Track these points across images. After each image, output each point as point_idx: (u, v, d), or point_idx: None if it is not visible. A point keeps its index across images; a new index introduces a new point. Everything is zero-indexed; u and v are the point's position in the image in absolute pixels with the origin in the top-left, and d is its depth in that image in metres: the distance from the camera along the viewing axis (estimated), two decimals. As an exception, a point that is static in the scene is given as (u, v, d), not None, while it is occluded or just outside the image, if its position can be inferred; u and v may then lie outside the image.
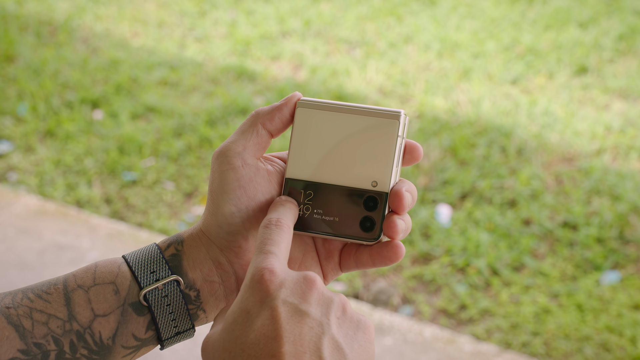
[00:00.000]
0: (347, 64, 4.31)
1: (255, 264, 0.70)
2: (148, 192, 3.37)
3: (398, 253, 0.79)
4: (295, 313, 0.67)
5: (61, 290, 0.77)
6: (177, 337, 0.79)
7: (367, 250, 0.81)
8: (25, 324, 0.76)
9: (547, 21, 4.72)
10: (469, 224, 3.12)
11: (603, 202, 3.21)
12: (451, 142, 3.58)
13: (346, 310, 0.70)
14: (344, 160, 0.80)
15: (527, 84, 4.11)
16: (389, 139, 0.79)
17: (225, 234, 0.79)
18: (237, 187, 0.79)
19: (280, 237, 0.73)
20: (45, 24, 4.78)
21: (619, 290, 2.81)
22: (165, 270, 0.79)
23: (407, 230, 0.80)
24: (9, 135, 3.73)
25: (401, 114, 0.79)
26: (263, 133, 0.80)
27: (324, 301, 0.69)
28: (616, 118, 3.77)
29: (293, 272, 0.70)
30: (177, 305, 0.78)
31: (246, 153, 0.79)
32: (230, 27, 4.74)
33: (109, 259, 0.80)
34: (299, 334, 0.66)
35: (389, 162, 0.79)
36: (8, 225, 3.13)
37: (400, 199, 0.79)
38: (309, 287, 0.69)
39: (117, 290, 0.78)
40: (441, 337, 2.63)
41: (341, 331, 0.68)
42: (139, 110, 3.89)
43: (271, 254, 0.71)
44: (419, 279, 2.91)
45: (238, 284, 0.81)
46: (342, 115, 0.80)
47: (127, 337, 0.78)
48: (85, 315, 0.77)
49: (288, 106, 0.81)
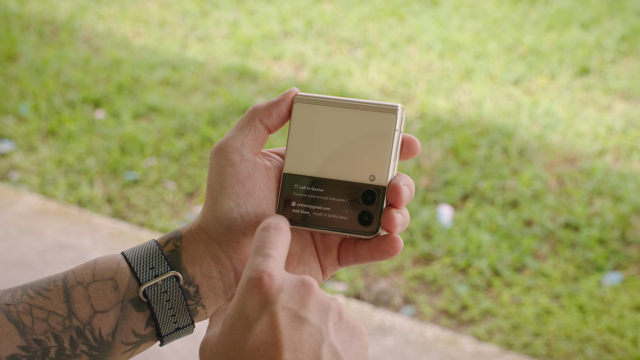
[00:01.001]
0: (348, 64, 4.31)
1: (253, 267, 0.70)
2: (149, 192, 3.37)
3: (396, 246, 0.79)
4: (295, 319, 0.67)
5: (61, 287, 0.77)
6: (176, 332, 0.79)
7: (365, 244, 0.81)
8: (25, 321, 0.76)
9: (549, 22, 4.72)
10: (471, 224, 3.12)
11: (605, 203, 3.21)
12: (453, 143, 3.58)
13: (342, 316, 0.69)
14: (341, 154, 0.80)
15: (529, 84, 4.11)
16: (387, 133, 0.79)
17: (224, 229, 0.79)
18: (235, 183, 0.78)
19: (279, 241, 0.73)
20: (48, 24, 4.78)
21: (620, 292, 2.81)
22: (164, 266, 0.79)
23: (405, 224, 0.80)
24: (10, 135, 3.73)
25: (398, 108, 0.80)
26: (261, 129, 0.80)
27: (322, 307, 0.69)
28: (618, 119, 3.77)
29: (291, 276, 0.70)
30: (177, 301, 0.78)
31: (244, 149, 0.79)
32: (232, 27, 4.75)
33: (108, 256, 0.80)
34: (299, 340, 0.66)
35: (387, 156, 0.79)
36: (10, 224, 3.14)
37: (398, 192, 0.79)
38: (308, 292, 0.68)
39: (116, 286, 0.78)
40: (442, 337, 2.63)
41: (338, 338, 0.68)
42: (141, 109, 3.89)
43: (270, 257, 0.70)
44: (420, 279, 2.91)
45: (237, 279, 0.80)
46: (340, 110, 0.81)
47: (126, 333, 0.78)
48: (85, 311, 0.77)
49: (285, 101, 0.81)
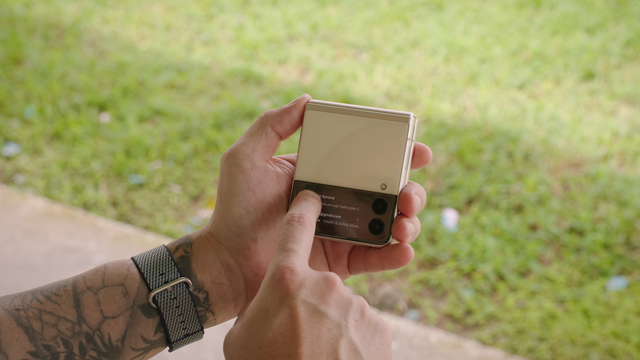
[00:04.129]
0: (354, 68, 4.31)
1: (276, 262, 0.70)
2: (154, 195, 3.38)
3: (407, 256, 0.79)
4: (314, 314, 0.67)
5: (70, 292, 0.77)
6: (185, 339, 0.79)
7: (375, 252, 0.80)
8: (34, 326, 0.76)
9: (554, 26, 4.72)
10: (475, 229, 3.12)
11: (610, 207, 3.20)
12: (458, 147, 3.58)
13: (364, 312, 0.70)
14: (353, 162, 0.80)
15: (534, 89, 4.11)
16: (399, 141, 0.79)
17: (234, 236, 0.79)
18: (246, 190, 0.78)
19: (302, 235, 0.73)
20: (53, 27, 4.79)
21: (625, 296, 2.81)
22: (174, 272, 0.79)
23: (416, 233, 0.80)
24: (16, 138, 3.73)
25: (410, 117, 0.79)
26: (272, 135, 0.80)
27: (343, 303, 0.69)
28: (623, 124, 3.76)
29: (314, 272, 0.70)
30: (186, 307, 0.78)
31: (255, 155, 0.79)
32: (237, 31, 4.75)
33: (118, 261, 0.80)
34: (317, 335, 0.66)
35: (399, 165, 0.79)
36: (15, 227, 3.14)
37: (409, 201, 0.78)
38: (329, 288, 0.69)
39: (126, 292, 0.78)
40: (447, 342, 2.62)
41: (359, 334, 0.68)
42: (146, 113, 3.90)
43: (292, 252, 0.71)
44: (425, 283, 2.91)
45: (247, 286, 0.81)
46: (352, 118, 0.80)
47: (136, 339, 0.78)
48: (95, 317, 0.77)
49: (297, 108, 0.81)
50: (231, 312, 0.81)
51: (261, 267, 0.80)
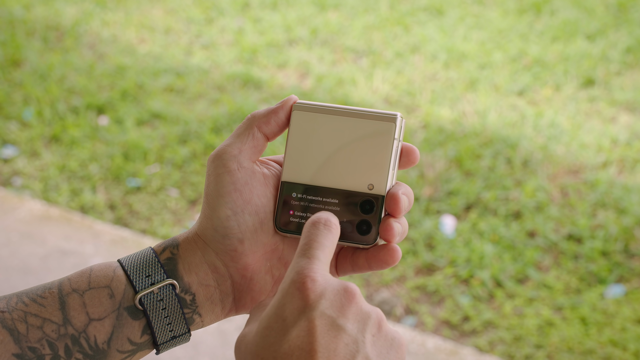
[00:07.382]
0: (353, 73, 4.31)
1: (297, 268, 0.69)
2: (152, 199, 3.37)
3: (394, 256, 0.79)
4: (332, 327, 0.66)
5: (56, 294, 0.77)
6: (172, 341, 0.79)
7: (363, 253, 0.80)
8: (19, 328, 0.75)
9: (554, 33, 4.72)
10: (474, 235, 3.11)
11: (608, 215, 3.20)
12: (456, 153, 3.57)
13: (382, 327, 0.69)
14: (340, 163, 0.80)
15: (533, 95, 4.11)
16: (386, 141, 0.79)
17: (221, 237, 0.78)
18: (232, 191, 0.78)
19: (327, 240, 0.72)
20: (52, 29, 4.79)
21: (623, 304, 2.80)
22: (160, 274, 0.78)
23: (404, 233, 0.80)
24: (14, 140, 3.73)
25: (397, 117, 0.79)
26: (259, 136, 0.80)
27: (362, 317, 0.68)
28: (623, 131, 3.76)
29: (335, 282, 0.69)
30: (173, 309, 0.78)
31: (242, 156, 0.79)
32: (236, 35, 4.75)
33: (104, 263, 0.79)
34: (334, 350, 0.65)
35: (385, 165, 0.79)
36: (12, 230, 3.13)
37: (396, 202, 0.78)
38: (349, 301, 0.68)
39: (112, 294, 0.77)
40: (444, 348, 2.61)
41: (375, 349, 0.67)
42: (145, 116, 3.89)
43: (315, 259, 0.70)
44: (422, 289, 2.90)
45: (234, 287, 0.80)
46: (339, 118, 0.80)
47: (122, 341, 0.77)
48: (80, 319, 0.76)
49: (284, 109, 0.81)
50: (218, 314, 0.80)
51: (248, 268, 0.80)
